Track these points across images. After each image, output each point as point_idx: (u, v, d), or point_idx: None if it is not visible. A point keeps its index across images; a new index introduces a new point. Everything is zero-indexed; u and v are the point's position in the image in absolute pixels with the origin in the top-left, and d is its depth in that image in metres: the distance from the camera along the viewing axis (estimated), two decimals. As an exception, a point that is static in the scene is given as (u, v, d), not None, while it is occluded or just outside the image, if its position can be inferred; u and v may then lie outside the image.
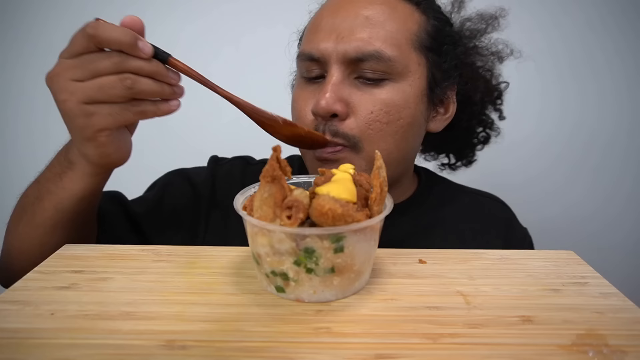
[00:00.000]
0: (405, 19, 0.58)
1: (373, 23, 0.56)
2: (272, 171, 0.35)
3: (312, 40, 0.59)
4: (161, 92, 0.45)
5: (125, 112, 0.45)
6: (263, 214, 0.35)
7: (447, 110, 0.65)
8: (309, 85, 0.60)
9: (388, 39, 0.56)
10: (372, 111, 0.56)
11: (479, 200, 0.73)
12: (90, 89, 0.43)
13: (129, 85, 0.43)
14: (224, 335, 0.32)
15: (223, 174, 0.71)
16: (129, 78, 0.43)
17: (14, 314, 0.34)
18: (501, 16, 0.69)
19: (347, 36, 0.56)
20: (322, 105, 0.54)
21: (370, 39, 0.55)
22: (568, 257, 0.46)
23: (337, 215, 0.33)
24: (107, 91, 0.43)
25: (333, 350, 0.31)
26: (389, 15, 0.57)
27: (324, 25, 0.58)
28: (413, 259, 0.45)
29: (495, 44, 0.70)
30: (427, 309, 0.36)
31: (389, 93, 0.56)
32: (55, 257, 0.44)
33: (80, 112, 0.44)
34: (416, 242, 0.63)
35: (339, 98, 0.55)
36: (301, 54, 0.60)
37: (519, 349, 0.31)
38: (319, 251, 0.34)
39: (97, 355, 0.30)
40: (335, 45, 0.56)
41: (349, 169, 0.40)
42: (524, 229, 0.72)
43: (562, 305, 0.37)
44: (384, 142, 0.57)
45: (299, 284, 0.36)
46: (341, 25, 0.56)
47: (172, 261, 0.44)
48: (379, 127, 0.56)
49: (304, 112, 0.59)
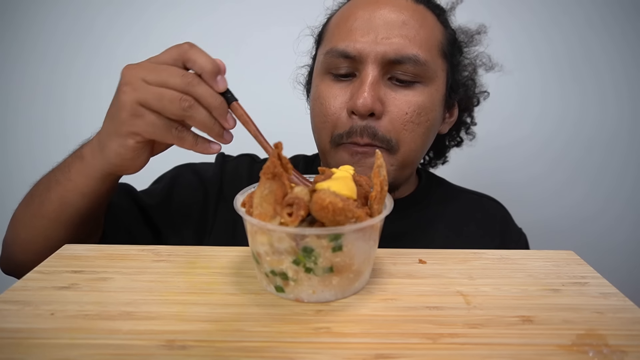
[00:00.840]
0: (433, 27, 0.61)
1: (409, 28, 0.58)
2: (273, 168, 0.35)
3: (346, 37, 0.59)
4: (211, 128, 0.45)
5: (166, 130, 0.45)
6: (263, 211, 0.35)
7: (452, 114, 0.69)
8: (337, 82, 0.61)
9: (423, 44, 0.58)
10: (407, 112, 0.58)
11: (476, 200, 0.75)
12: (151, 93, 0.44)
13: (185, 106, 0.43)
14: (224, 335, 0.32)
15: (230, 170, 0.72)
16: (188, 100, 0.44)
17: (14, 314, 0.34)
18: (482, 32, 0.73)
19: (386, 37, 0.57)
20: (362, 103, 0.56)
21: (409, 42, 0.57)
22: (568, 257, 0.46)
23: (337, 209, 0.33)
24: (163, 102, 0.44)
25: (333, 350, 0.31)
26: (422, 22, 0.60)
27: (359, 24, 0.59)
28: (413, 259, 0.45)
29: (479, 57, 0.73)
30: (427, 309, 0.36)
31: (421, 96, 0.59)
32: (55, 257, 0.44)
33: (130, 108, 0.44)
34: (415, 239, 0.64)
35: (377, 97, 0.57)
36: (333, 51, 0.60)
37: (519, 349, 0.31)
38: (318, 250, 0.34)
39: (97, 355, 0.30)
40: (374, 46, 0.57)
41: (348, 170, 0.40)
42: (519, 229, 0.74)
43: (562, 305, 0.37)
44: (414, 143, 0.60)
45: (298, 284, 0.36)
46: (379, 25, 0.58)
47: (172, 261, 0.44)
48: (412, 128, 0.59)
49: (334, 109, 0.60)
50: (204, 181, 0.70)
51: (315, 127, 0.65)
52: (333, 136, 0.60)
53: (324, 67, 0.62)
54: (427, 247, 0.47)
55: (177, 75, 0.44)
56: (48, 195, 0.52)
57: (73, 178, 0.50)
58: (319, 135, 0.64)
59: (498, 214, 0.74)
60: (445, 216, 0.70)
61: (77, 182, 0.50)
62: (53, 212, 0.51)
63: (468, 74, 0.72)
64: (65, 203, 0.51)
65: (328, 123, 0.61)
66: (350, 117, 0.59)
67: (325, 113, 0.61)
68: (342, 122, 0.59)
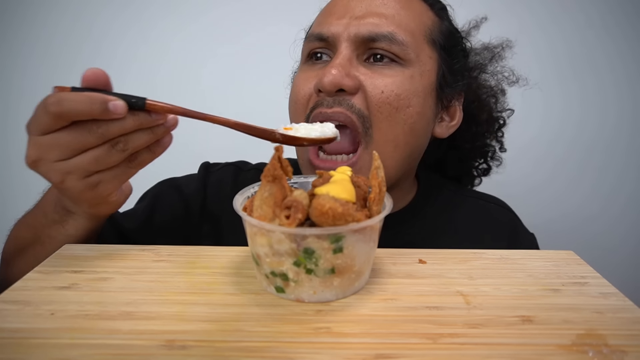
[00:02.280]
0: (420, 13, 0.59)
1: (388, 7, 0.56)
2: (273, 170, 0.35)
3: (323, 22, 0.58)
4: (154, 137, 0.43)
5: (128, 170, 0.44)
6: (263, 213, 0.35)
7: (453, 117, 0.64)
8: (312, 66, 0.59)
9: (402, 25, 0.56)
10: (383, 91, 0.54)
11: (483, 206, 0.71)
12: (87, 164, 0.41)
13: (122, 148, 0.41)
14: (224, 335, 0.32)
15: (214, 182, 0.70)
16: (120, 142, 0.41)
17: (14, 314, 0.34)
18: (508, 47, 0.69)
19: (360, 17, 0.55)
20: (328, 79, 0.52)
21: (385, 21, 0.55)
22: (568, 257, 0.46)
23: (337, 214, 0.33)
24: (104, 161, 0.41)
25: (333, 350, 0.31)
26: (405, 4, 0.57)
27: (338, 8, 0.58)
28: (413, 259, 0.45)
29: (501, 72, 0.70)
30: (427, 309, 0.36)
31: (400, 76, 0.55)
32: (55, 257, 0.44)
33: (84, 186, 0.42)
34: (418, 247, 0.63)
35: (347, 73, 0.54)
36: (310, 35, 0.59)
37: (519, 349, 0.31)
38: (319, 252, 0.34)
39: (97, 355, 0.30)
40: (347, 26, 0.55)
41: (346, 171, 0.40)
42: (531, 235, 0.70)
43: (562, 305, 0.37)
44: (392, 131, 0.55)
45: (298, 285, 0.36)
46: (356, 7, 0.57)
47: (172, 261, 0.44)
48: (388, 110, 0.54)
49: (305, 90, 0.57)
50: (186, 198, 0.68)
51: (290, 114, 0.63)
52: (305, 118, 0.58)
53: (304, 54, 0.61)
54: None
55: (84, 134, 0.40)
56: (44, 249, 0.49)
57: (72, 233, 0.49)
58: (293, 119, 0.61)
59: (504, 219, 0.70)
60: (449, 226, 0.66)
61: (77, 235, 0.49)
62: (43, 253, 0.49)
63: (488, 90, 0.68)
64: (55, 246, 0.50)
65: (299, 106, 0.58)
66: (317, 96, 0.56)
67: (296, 98, 0.59)
68: (311, 102, 0.57)
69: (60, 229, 0.49)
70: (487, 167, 0.75)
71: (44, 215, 0.50)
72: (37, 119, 0.40)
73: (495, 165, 0.75)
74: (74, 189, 0.42)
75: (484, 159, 0.75)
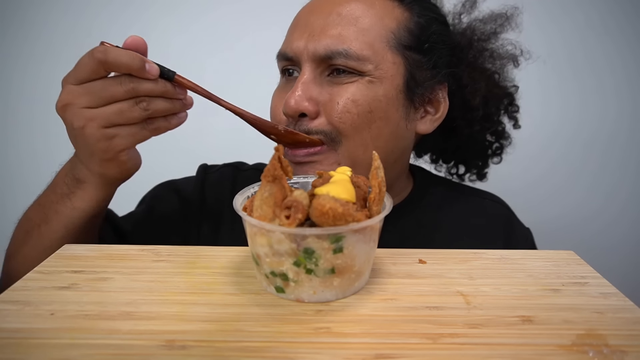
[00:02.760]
0: (383, 15, 0.57)
1: (346, 20, 0.55)
2: (274, 170, 0.35)
3: (288, 39, 0.60)
4: (173, 108, 0.48)
5: (143, 131, 0.48)
6: (263, 214, 0.35)
7: (438, 110, 0.63)
8: (286, 84, 0.60)
9: (360, 37, 0.55)
10: (339, 102, 0.55)
11: (478, 202, 0.71)
12: (110, 114, 0.45)
13: (144, 107, 0.46)
14: (224, 335, 0.32)
15: (212, 183, 0.70)
16: (144, 101, 0.46)
17: (14, 314, 0.34)
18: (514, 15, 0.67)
19: (317, 34, 0.56)
20: (290, 104, 0.54)
21: (340, 36, 0.55)
22: (568, 257, 0.46)
23: (337, 214, 0.33)
24: (126, 115, 0.46)
25: (333, 350, 0.31)
26: (364, 11, 0.56)
27: (299, 23, 0.59)
28: (413, 259, 0.45)
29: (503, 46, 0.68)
30: (427, 309, 0.36)
31: (358, 89, 0.55)
32: (55, 257, 0.44)
33: (102, 136, 0.46)
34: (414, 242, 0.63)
35: (307, 97, 0.55)
36: (278, 54, 0.61)
37: (519, 349, 0.31)
38: (319, 252, 0.34)
39: (97, 355, 0.30)
40: (306, 44, 0.56)
41: (346, 171, 0.40)
42: (526, 229, 0.71)
43: (562, 305, 0.37)
44: (359, 136, 0.56)
45: (298, 285, 0.36)
46: (314, 23, 0.57)
47: (172, 261, 0.44)
48: (349, 118, 0.55)
49: (278, 111, 0.59)
50: (184, 198, 0.69)
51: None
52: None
53: (280, 71, 0.63)
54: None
55: (115, 86, 0.45)
56: (49, 228, 0.51)
57: (77, 205, 0.51)
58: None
59: (499, 213, 0.71)
60: (446, 221, 0.67)
61: (83, 207, 0.51)
62: (57, 241, 0.51)
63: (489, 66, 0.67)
64: (73, 228, 0.51)
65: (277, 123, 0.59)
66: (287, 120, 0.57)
67: (272, 116, 0.61)
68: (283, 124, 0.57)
69: (67, 202, 0.51)
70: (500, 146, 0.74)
71: (53, 191, 0.53)
72: (80, 66, 0.45)
73: (506, 144, 0.74)
74: (92, 136, 0.46)
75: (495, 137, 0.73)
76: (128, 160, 0.50)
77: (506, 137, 0.75)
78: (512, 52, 0.69)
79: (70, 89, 0.45)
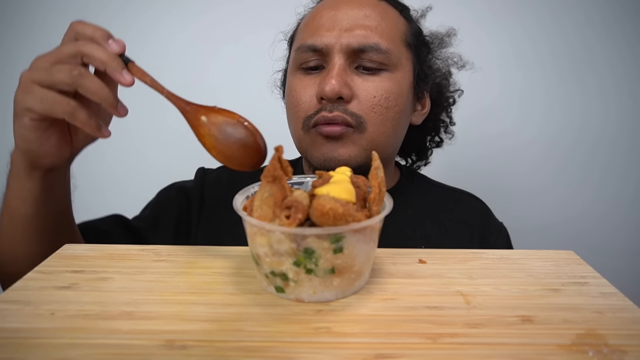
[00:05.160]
0: (395, 20, 0.66)
1: (371, 20, 0.63)
2: (274, 171, 0.35)
3: (313, 33, 0.64)
4: (105, 98, 0.43)
5: (56, 104, 0.43)
6: (263, 214, 0.35)
7: (424, 106, 0.73)
8: (307, 75, 0.65)
9: (385, 34, 0.63)
10: (375, 96, 0.62)
11: (455, 195, 0.78)
12: (42, 70, 0.44)
13: (75, 74, 0.42)
14: (224, 335, 0.32)
15: (211, 183, 0.75)
16: (78, 69, 0.43)
17: (14, 314, 0.34)
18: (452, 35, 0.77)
19: (349, 30, 0.62)
20: (330, 88, 0.60)
21: (371, 32, 0.62)
22: (568, 257, 0.46)
23: (338, 214, 0.33)
24: (52, 73, 0.43)
25: (333, 350, 0.31)
26: (384, 15, 0.65)
27: (325, 20, 0.64)
28: (413, 258, 0.45)
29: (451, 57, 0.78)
30: (427, 309, 0.36)
31: (388, 81, 0.63)
32: (55, 257, 0.44)
33: (24, 87, 0.45)
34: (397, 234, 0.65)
35: (344, 82, 0.61)
36: (303, 46, 0.65)
37: (519, 349, 0.31)
38: (319, 252, 0.34)
39: (97, 355, 0.30)
40: (339, 38, 0.62)
41: (346, 172, 0.40)
42: (500, 223, 0.76)
43: (562, 305, 0.37)
44: (383, 126, 0.63)
45: (298, 285, 0.36)
46: (343, 20, 0.63)
47: (172, 261, 0.44)
48: (380, 111, 0.62)
49: (305, 98, 0.64)
50: (186, 195, 0.73)
51: (289, 118, 0.68)
52: (304, 121, 0.64)
53: (296, 63, 0.67)
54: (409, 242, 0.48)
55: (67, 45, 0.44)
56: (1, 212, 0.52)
57: (10, 185, 0.51)
58: (293, 124, 0.67)
59: (477, 208, 0.76)
60: (427, 211, 0.72)
61: (13, 188, 0.51)
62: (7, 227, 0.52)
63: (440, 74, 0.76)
64: (13, 214, 0.51)
65: (300, 112, 0.65)
66: (319, 103, 0.62)
67: (297, 103, 0.65)
68: (312, 108, 0.63)
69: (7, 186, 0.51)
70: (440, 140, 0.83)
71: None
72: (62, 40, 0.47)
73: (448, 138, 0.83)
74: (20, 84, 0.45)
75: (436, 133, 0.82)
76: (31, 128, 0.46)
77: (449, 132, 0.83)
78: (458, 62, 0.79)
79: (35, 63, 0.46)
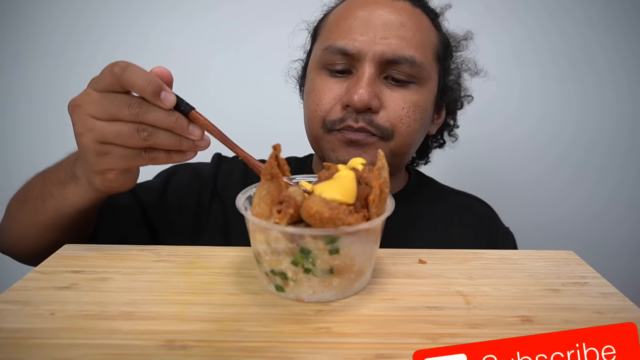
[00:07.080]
0: (428, 31, 0.64)
1: (407, 29, 0.60)
2: (271, 169, 0.35)
3: (345, 35, 0.61)
4: (178, 145, 0.44)
5: (137, 158, 0.45)
6: (260, 211, 0.36)
7: (440, 116, 0.71)
8: (333, 77, 0.63)
9: (419, 47, 0.61)
10: (404, 108, 0.60)
11: (463, 200, 0.76)
12: (108, 132, 0.43)
13: (144, 137, 0.43)
14: (224, 335, 0.32)
15: (225, 171, 0.73)
16: (146, 130, 0.43)
17: (14, 314, 0.34)
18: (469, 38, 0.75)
19: (384, 37, 0.59)
20: (359, 98, 0.58)
21: (406, 44, 0.60)
22: (568, 257, 0.46)
23: (324, 218, 0.33)
24: (123, 138, 0.43)
25: (333, 350, 0.31)
26: (419, 25, 0.62)
27: (358, 23, 0.61)
28: (413, 259, 0.45)
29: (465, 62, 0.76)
30: (427, 309, 0.36)
31: (416, 95, 0.61)
32: (55, 257, 0.44)
33: (94, 149, 0.44)
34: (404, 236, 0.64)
35: (374, 93, 0.59)
36: (332, 47, 0.62)
37: (519, 349, 0.31)
38: (315, 252, 0.34)
39: (97, 355, 0.30)
40: (373, 45, 0.59)
41: (358, 164, 0.40)
42: (506, 229, 0.75)
43: (562, 305, 0.37)
44: (409, 136, 0.62)
45: (298, 284, 0.36)
46: (378, 25, 0.60)
47: (172, 261, 0.44)
48: (408, 122, 0.61)
49: (328, 99, 0.62)
50: (199, 179, 0.71)
51: (307, 115, 0.66)
52: (325, 122, 0.62)
53: (321, 62, 0.64)
54: (414, 245, 0.48)
55: (123, 106, 0.42)
56: (43, 206, 0.52)
57: (69, 197, 0.51)
58: (311, 122, 0.64)
59: (485, 214, 0.75)
60: (434, 215, 0.71)
61: (74, 201, 0.51)
62: (49, 220, 0.52)
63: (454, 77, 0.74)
64: (62, 215, 0.51)
65: (321, 111, 0.62)
66: (343, 110, 0.60)
67: (319, 102, 0.62)
68: (335, 112, 0.61)
69: (61, 189, 0.51)
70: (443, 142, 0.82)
71: (56, 173, 0.52)
72: (101, 75, 0.43)
73: (452, 141, 0.82)
74: (86, 146, 0.44)
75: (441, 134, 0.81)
76: (115, 179, 0.47)
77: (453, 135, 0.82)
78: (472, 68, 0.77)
79: (87, 92, 0.44)
